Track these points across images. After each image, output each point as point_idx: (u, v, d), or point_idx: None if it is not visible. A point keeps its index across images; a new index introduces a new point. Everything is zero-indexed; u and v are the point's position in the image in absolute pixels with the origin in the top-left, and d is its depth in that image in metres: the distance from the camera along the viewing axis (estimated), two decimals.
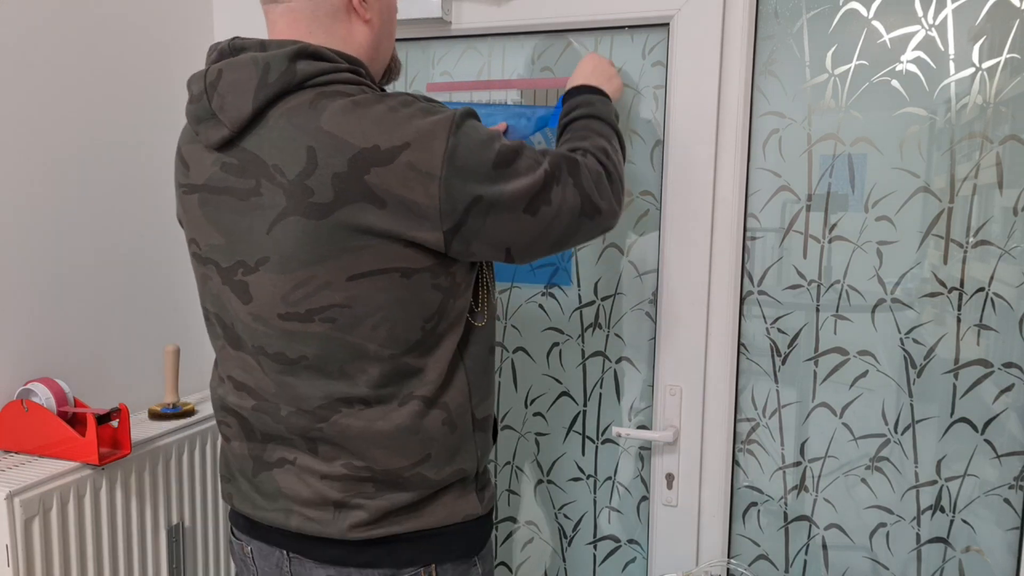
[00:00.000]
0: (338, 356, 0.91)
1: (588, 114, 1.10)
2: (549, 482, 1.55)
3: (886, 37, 1.26)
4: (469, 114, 0.89)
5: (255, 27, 1.53)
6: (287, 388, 0.94)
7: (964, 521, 1.32)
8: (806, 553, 1.41)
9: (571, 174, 0.94)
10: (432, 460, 0.95)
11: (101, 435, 1.19)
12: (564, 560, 1.56)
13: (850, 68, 1.28)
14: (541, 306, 1.51)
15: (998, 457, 1.29)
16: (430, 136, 0.84)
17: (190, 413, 1.40)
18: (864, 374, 1.34)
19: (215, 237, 0.94)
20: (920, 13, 1.24)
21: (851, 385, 1.35)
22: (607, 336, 1.47)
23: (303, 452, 0.96)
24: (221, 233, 0.93)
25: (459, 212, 0.86)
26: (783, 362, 1.38)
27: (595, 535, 1.53)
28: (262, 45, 0.90)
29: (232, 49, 0.91)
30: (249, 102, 0.87)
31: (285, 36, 0.94)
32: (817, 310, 1.35)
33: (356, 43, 0.96)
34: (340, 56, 0.91)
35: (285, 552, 1.00)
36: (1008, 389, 1.27)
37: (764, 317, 1.38)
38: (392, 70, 1.07)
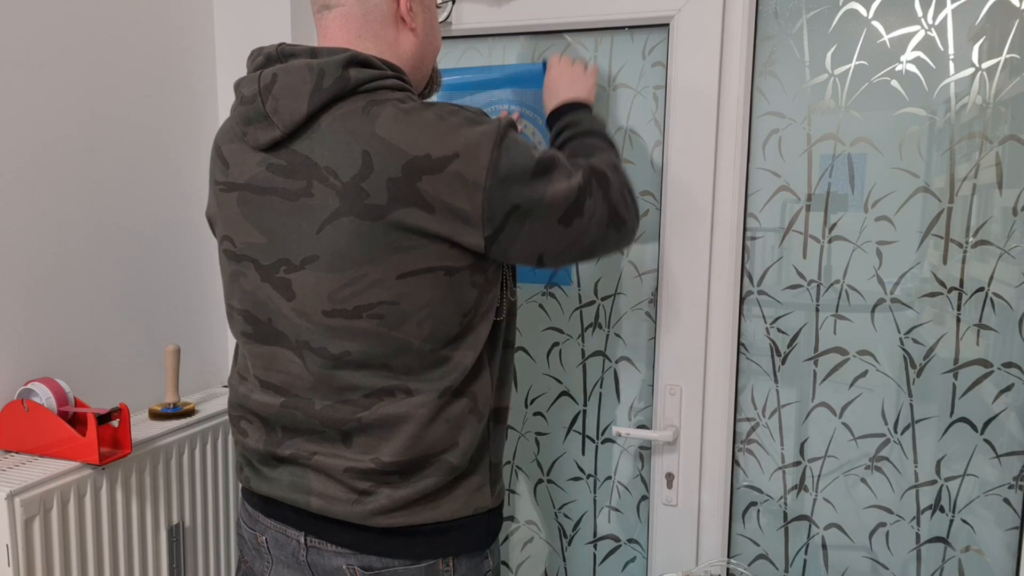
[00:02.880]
0: (381, 351, 0.94)
1: (581, 132, 1.14)
2: (549, 482, 1.55)
3: (886, 37, 1.26)
4: (511, 125, 0.94)
5: (255, 27, 1.53)
6: (328, 381, 0.96)
7: (964, 521, 1.32)
8: (806, 553, 1.41)
9: (600, 186, 0.99)
10: (459, 447, 0.98)
11: (101, 435, 1.19)
12: (564, 560, 1.56)
13: (850, 68, 1.28)
14: (541, 306, 1.51)
15: (998, 457, 1.29)
16: (477, 147, 0.89)
17: (190, 413, 1.40)
18: (864, 374, 1.34)
19: (254, 236, 0.97)
20: (920, 13, 1.24)
21: (851, 385, 1.35)
22: (607, 336, 1.47)
23: (331, 444, 0.98)
24: (262, 232, 0.97)
25: (499, 219, 0.91)
26: (783, 362, 1.38)
27: (595, 535, 1.53)
28: (313, 52, 0.94)
29: (281, 55, 0.95)
30: (304, 105, 0.91)
31: (337, 42, 0.99)
32: (817, 310, 1.35)
33: (402, 51, 1.01)
34: (385, 64, 0.96)
35: (302, 539, 1.02)
36: (1008, 389, 1.27)
37: (764, 317, 1.38)
38: (433, 82, 1.11)
